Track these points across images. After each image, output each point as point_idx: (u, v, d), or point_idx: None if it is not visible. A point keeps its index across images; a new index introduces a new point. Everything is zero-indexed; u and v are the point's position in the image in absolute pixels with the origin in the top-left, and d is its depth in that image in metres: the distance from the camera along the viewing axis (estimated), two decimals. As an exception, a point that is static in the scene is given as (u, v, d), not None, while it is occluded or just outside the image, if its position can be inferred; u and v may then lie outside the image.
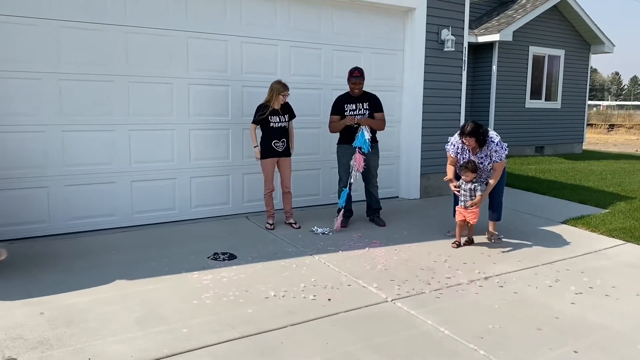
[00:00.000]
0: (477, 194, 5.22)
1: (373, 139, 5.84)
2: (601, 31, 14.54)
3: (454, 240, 5.39)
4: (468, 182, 5.24)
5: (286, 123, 5.76)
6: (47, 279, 4.20)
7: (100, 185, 5.63)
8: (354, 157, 5.74)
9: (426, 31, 7.40)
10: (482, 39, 12.88)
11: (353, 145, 5.75)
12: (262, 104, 5.67)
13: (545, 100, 14.38)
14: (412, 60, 7.45)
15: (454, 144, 5.45)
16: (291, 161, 5.92)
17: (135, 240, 5.35)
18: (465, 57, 7.87)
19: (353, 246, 5.29)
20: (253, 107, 5.80)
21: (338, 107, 5.92)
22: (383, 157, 6.41)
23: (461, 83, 7.90)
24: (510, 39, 12.70)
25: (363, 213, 6.32)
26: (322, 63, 6.88)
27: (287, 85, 5.67)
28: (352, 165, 5.76)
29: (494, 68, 13.06)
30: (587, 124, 20.03)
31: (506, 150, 5.33)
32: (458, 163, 5.45)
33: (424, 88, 7.51)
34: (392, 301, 3.96)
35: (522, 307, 3.91)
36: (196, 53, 6.00)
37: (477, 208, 5.26)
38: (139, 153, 5.81)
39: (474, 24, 13.61)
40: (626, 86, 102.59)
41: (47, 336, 3.27)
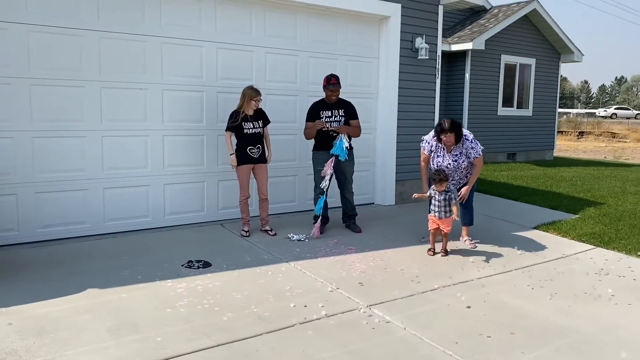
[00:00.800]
0: (452, 204, 5.28)
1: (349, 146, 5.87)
2: (570, 41, 14.90)
3: (429, 247, 5.43)
4: (441, 192, 5.28)
5: (260, 129, 5.73)
6: (16, 289, 4.09)
7: (71, 192, 5.53)
8: (327, 163, 5.74)
9: (401, 39, 7.49)
10: (456, 48, 13.08)
11: (331, 152, 5.77)
12: (235, 111, 5.65)
13: (517, 107, 14.66)
14: (387, 67, 7.51)
15: (429, 142, 5.53)
16: (267, 168, 5.90)
17: (107, 248, 5.26)
18: (439, 65, 7.98)
19: (329, 253, 5.29)
20: (228, 113, 5.76)
21: (313, 114, 5.93)
22: (359, 164, 6.45)
23: (435, 90, 8.00)
24: (482, 48, 12.92)
25: (339, 219, 6.33)
26: (298, 70, 6.89)
27: (259, 90, 5.66)
28: (327, 173, 5.76)
29: (467, 76, 13.25)
30: (558, 131, 20.44)
31: (481, 146, 5.48)
32: (431, 162, 5.52)
33: (399, 95, 7.58)
34: (368, 307, 3.96)
35: (496, 312, 3.96)
36: (171, 58, 5.95)
37: (451, 217, 5.31)
38: (112, 159, 5.72)
39: (448, 33, 13.81)
40: (595, 94, 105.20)
41: (16, 347, 3.18)
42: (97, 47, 5.51)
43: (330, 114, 5.90)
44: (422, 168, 5.69)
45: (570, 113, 50.60)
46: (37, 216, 5.37)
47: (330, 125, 5.85)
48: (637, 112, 50.75)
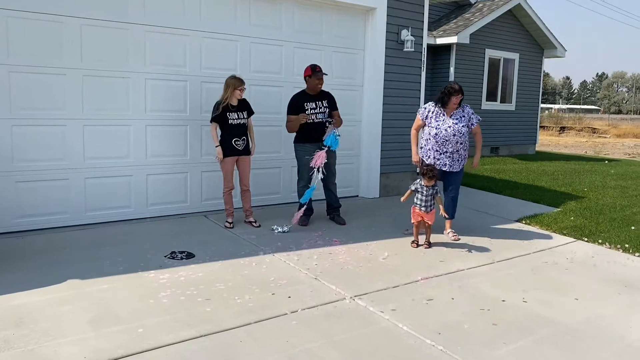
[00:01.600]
0: (437, 197, 5.32)
1: None
2: (554, 36, 15.03)
3: (412, 240, 5.45)
4: (429, 187, 5.27)
5: (245, 120, 5.68)
6: (-6, 279, 4.02)
7: (52, 182, 5.44)
8: (317, 154, 5.71)
9: (386, 31, 7.47)
10: (441, 41, 13.11)
11: (324, 143, 5.74)
12: (219, 101, 5.58)
13: (500, 102, 14.76)
14: (373, 59, 7.50)
15: (427, 108, 5.64)
16: (250, 159, 5.86)
17: (88, 238, 5.19)
18: (424, 58, 7.98)
19: (313, 244, 5.28)
20: (212, 104, 5.70)
21: (297, 106, 5.85)
22: (343, 156, 6.45)
23: (420, 83, 8.01)
24: (467, 42, 12.97)
25: (323, 211, 6.32)
26: (283, 60, 6.84)
27: (243, 79, 5.60)
28: (312, 162, 5.73)
29: (452, 70, 13.30)
30: (540, 126, 20.66)
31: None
32: (428, 127, 5.62)
33: (384, 88, 7.58)
34: (352, 298, 3.97)
35: (478, 303, 3.99)
36: (154, 47, 5.86)
37: (434, 210, 5.34)
38: (94, 149, 5.64)
39: (433, 26, 13.84)
40: (576, 90, 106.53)
41: (-6, 338, 3.12)
42: (79, 34, 5.41)
43: (314, 106, 5.86)
44: (413, 135, 5.81)
45: (552, 108, 51.20)
46: (17, 206, 5.27)
47: (315, 117, 5.81)
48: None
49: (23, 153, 5.26)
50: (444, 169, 5.57)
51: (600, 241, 5.79)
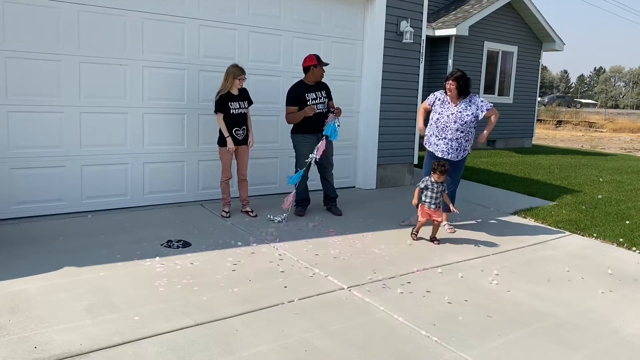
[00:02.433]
0: (444, 194, 5.27)
1: None
2: (552, 29, 15.00)
3: (413, 231, 5.38)
4: (439, 184, 5.18)
5: (246, 109, 5.66)
6: (-10, 266, 4.02)
7: (48, 169, 5.42)
8: (319, 146, 5.70)
9: (386, 22, 7.44)
10: (439, 33, 13.07)
11: (324, 133, 5.73)
12: (220, 90, 5.54)
13: (498, 95, 14.74)
14: (372, 50, 7.47)
15: (436, 96, 5.68)
16: (249, 149, 5.84)
17: (84, 226, 5.18)
18: (423, 50, 7.96)
19: (310, 235, 5.29)
20: (210, 92, 5.68)
21: (298, 98, 5.80)
22: (340, 147, 6.45)
23: (419, 75, 7.99)
24: (466, 34, 12.93)
25: (320, 202, 6.33)
26: (282, 50, 6.81)
27: (244, 69, 5.57)
28: (314, 152, 5.72)
29: (450, 62, 13.26)
30: (537, 120, 20.67)
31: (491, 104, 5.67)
32: (433, 113, 5.65)
33: (383, 79, 7.55)
34: (348, 289, 3.98)
35: (473, 295, 4.01)
36: (152, 34, 5.82)
37: (441, 207, 5.30)
38: (90, 136, 5.61)
39: (432, 18, 13.78)
40: (573, 84, 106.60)
41: (-10, 324, 3.13)
42: (76, 21, 5.36)
43: (314, 96, 5.84)
44: (420, 113, 5.91)
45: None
46: (12, 192, 5.25)
47: (316, 107, 5.78)
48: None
49: (19, 139, 5.23)
50: (441, 155, 5.56)
51: (595, 235, 5.82)
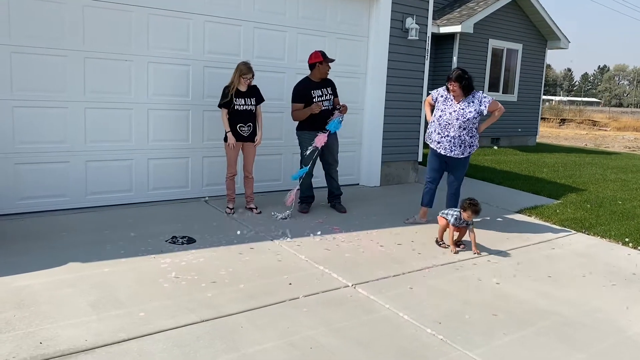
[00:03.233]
0: (469, 230, 5.02)
1: None
2: (557, 27, 14.93)
3: (441, 243, 5.11)
4: (464, 220, 4.96)
5: (252, 106, 5.63)
6: (-5, 261, 4.02)
7: (52, 164, 5.42)
8: (319, 137, 5.69)
9: (391, 19, 7.41)
10: (444, 30, 13.02)
11: (327, 127, 5.72)
12: (227, 86, 5.54)
13: (502, 93, 14.69)
14: (377, 47, 7.45)
15: (439, 92, 5.66)
16: (256, 146, 5.83)
17: (89, 222, 5.18)
18: (428, 47, 7.93)
19: (314, 232, 5.28)
20: (215, 88, 5.66)
21: (304, 94, 5.78)
22: (345, 144, 6.43)
23: (424, 72, 7.97)
24: (471, 31, 12.88)
25: (324, 199, 6.32)
26: (286, 46, 6.79)
27: (252, 69, 5.54)
28: (313, 143, 5.71)
29: (455, 59, 13.23)
30: (541, 118, 20.63)
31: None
32: (436, 109, 5.62)
33: (388, 76, 7.53)
34: (353, 286, 3.97)
35: (479, 294, 4.00)
36: (157, 30, 5.81)
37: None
38: (95, 132, 5.61)
39: (437, 15, 13.73)
40: (577, 82, 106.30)
41: (-5, 319, 3.13)
42: (81, 16, 5.35)
43: (320, 93, 5.82)
44: (427, 106, 5.88)
45: (553, 100, 51.09)
46: (17, 188, 5.26)
47: (321, 104, 5.76)
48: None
49: (24, 134, 5.23)
50: (443, 153, 5.54)
51: (600, 234, 5.80)
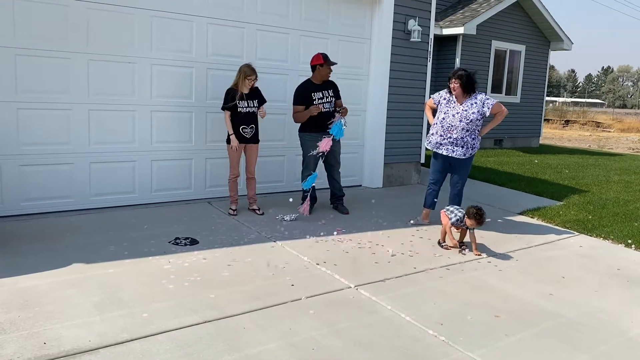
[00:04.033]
0: (471, 233, 5.04)
1: None
2: (561, 28, 14.92)
3: (443, 244, 5.12)
4: (469, 226, 4.99)
5: (255, 108, 5.66)
6: None
7: (57, 165, 5.45)
8: (324, 141, 5.70)
9: (393, 21, 7.43)
10: (447, 32, 13.03)
11: (330, 132, 5.73)
12: (231, 88, 5.56)
13: (505, 94, 14.68)
14: (379, 49, 7.46)
15: (441, 95, 5.67)
16: (258, 147, 5.85)
17: (93, 223, 5.21)
18: (431, 49, 7.94)
19: (317, 233, 5.29)
20: (218, 90, 5.68)
21: (305, 97, 5.81)
22: (347, 146, 6.45)
23: (426, 74, 7.98)
24: (474, 33, 12.89)
25: (326, 200, 6.33)
26: (289, 48, 6.81)
27: (255, 70, 5.57)
28: (317, 148, 5.73)
29: (458, 61, 13.23)
30: (544, 119, 20.59)
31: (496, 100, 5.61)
32: (438, 112, 5.65)
33: (390, 77, 7.54)
34: (355, 287, 3.98)
35: (481, 295, 4.01)
36: (160, 32, 5.84)
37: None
38: (99, 134, 5.64)
39: (440, 16, 13.74)
40: (581, 84, 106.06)
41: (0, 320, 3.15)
42: (85, 18, 5.38)
43: (321, 95, 5.84)
44: (427, 109, 5.92)
45: (556, 101, 50.98)
46: (22, 189, 5.29)
47: (322, 106, 5.79)
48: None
49: (28, 136, 5.26)
50: (446, 153, 5.55)
51: (603, 236, 5.80)
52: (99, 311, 3.34)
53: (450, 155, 5.55)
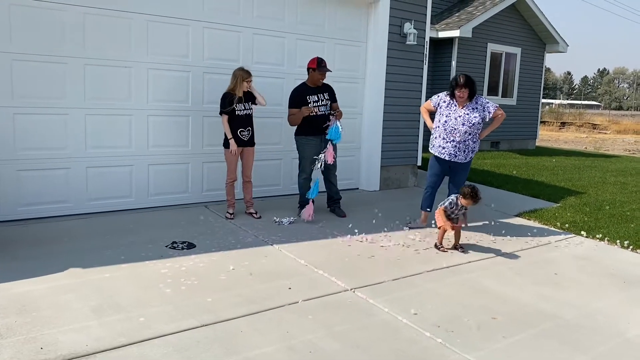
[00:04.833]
0: (464, 215, 5.13)
1: None
2: (556, 31, 14.98)
3: (439, 246, 5.13)
4: (464, 207, 5.05)
5: (251, 110, 5.68)
6: (-4, 267, 4.03)
7: (53, 170, 5.44)
8: (326, 150, 5.74)
9: (389, 24, 7.45)
10: (443, 35, 13.07)
11: (327, 137, 5.75)
12: (227, 93, 5.57)
13: (501, 96, 14.72)
14: (375, 52, 7.49)
15: (441, 97, 5.66)
16: (254, 151, 5.86)
17: (90, 227, 5.20)
18: (426, 51, 7.96)
19: (314, 236, 5.29)
20: (214, 94, 5.69)
21: (300, 100, 5.82)
22: (344, 149, 6.46)
23: (422, 77, 8.00)
24: (469, 36, 12.92)
25: (323, 204, 6.33)
26: (286, 52, 6.83)
27: (250, 71, 5.60)
28: (321, 157, 5.75)
29: (454, 63, 13.27)
30: (540, 121, 20.66)
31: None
32: (439, 115, 5.63)
33: (386, 80, 7.56)
34: (352, 290, 3.99)
35: (478, 297, 4.01)
36: (156, 37, 5.84)
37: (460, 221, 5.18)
38: (95, 138, 5.63)
39: (435, 19, 13.78)
40: (577, 86, 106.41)
41: (-4, 325, 3.14)
42: (82, 23, 5.39)
43: (316, 99, 5.85)
44: (423, 112, 5.94)
45: (552, 103, 51.14)
46: (19, 194, 5.28)
47: (317, 109, 5.80)
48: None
49: (25, 141, 5.25)
50: (448, 158, 5.56)
51: (599, 237, 5.81)
52: (96, 315, 3.33)
53: (452, 160, 5.56)
